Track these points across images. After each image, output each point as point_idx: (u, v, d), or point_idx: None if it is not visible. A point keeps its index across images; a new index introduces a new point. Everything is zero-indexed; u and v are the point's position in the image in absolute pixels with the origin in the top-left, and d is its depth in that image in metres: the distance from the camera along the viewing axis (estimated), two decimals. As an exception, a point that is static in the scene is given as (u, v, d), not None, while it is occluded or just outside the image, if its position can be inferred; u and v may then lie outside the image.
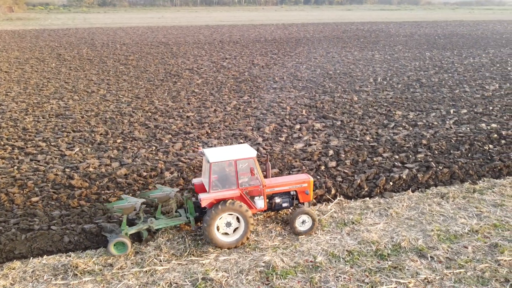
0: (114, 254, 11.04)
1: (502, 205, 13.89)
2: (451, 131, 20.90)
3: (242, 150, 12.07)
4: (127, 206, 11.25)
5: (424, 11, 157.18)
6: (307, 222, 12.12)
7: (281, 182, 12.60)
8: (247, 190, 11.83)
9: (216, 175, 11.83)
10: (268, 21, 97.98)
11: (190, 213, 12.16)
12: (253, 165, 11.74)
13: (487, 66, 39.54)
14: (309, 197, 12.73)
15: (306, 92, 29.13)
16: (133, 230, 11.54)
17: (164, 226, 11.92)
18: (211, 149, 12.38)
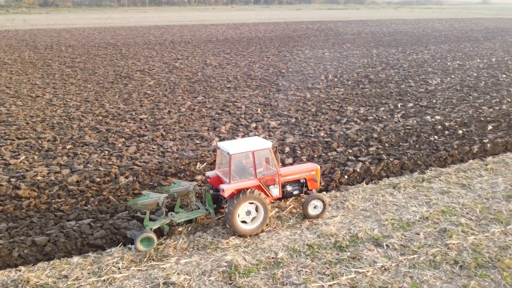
0: (142, 250, 11.14)
1: (449, 192, 14.72)
2: (399, 124, 21.87)
3: (257, 141, 12.67)
4: (150, 201, 11.43)
5: (369, 10, 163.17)
6: (319, 206, 12.82)
7: (292, 171, 13.22)
8: (264, 180, 12.28)
9: (234, 166, 12.06)
10: (219, 21, 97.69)
11: (209, 205, 12.53)
12: (269, 156, 12.44)
13: (429, 62, 41.73)
14: (317, 184, 13.48)
15: (260, 91, 29.35)
16: (156, 225, 11.63)
17: (186, 219, 12.17)
18: (226, 142, 12.86)
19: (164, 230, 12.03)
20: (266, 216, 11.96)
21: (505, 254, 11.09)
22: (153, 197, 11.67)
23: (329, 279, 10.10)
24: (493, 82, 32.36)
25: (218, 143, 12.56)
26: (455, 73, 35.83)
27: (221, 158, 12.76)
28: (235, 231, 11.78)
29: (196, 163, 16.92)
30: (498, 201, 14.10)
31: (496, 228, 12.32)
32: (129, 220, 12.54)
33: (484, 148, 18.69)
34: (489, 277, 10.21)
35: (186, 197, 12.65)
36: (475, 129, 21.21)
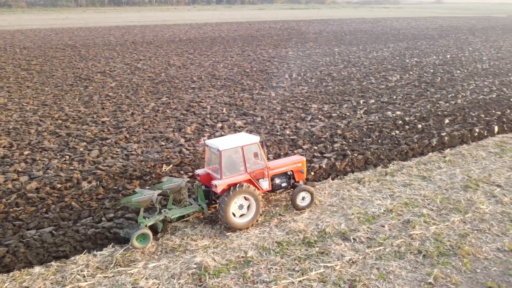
0: (138, 247, 11.16)
1: (411, 184, 15.23)
2: (362, 120, 22.40)
3: (245, 137, 12.98)
4: (144, 198, 11.42)
5: (330, 10, 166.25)
6: (307, 198, 13.22)
7: (280, 164, 13.48)
8: (254, 174, 12.52)
9: (224, 162, 12.17)
10: (182, 21, 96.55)
11: (201, 201, 12.67)
12: (257, 150, 12.72)
13: (388, 59, 43.01)
14: (303, 176, 13.81)
15: (225, 91, 29.25)
16: (151, 222, 11.68)
17: (180, 214, 12.26)
18: (214, 139, 13.06)
19: (158, 227, 12.07)
20: (258, 209, 12.26)
21: (465, 241, 11.59)
22: (146, 194, 11.63)
23: (299, 275, 10.20)
24: (448, 78, 33.76)
25: (207, 141, 12.75)
26: (413, 70, 37.12)
27: (210, 155, 12.93)
28: (229, 225, 11.97)
29: (162, 165, 16.64)
30: (457, 191, 14.72)
31: (456, 217, 12.85)
32: (93, 225, 12.15)
33: (442, 141, 19.45)
34: (450, 264, 10.64)
35: (178, 193, 12.69)
36: (433, 123, 22.05)
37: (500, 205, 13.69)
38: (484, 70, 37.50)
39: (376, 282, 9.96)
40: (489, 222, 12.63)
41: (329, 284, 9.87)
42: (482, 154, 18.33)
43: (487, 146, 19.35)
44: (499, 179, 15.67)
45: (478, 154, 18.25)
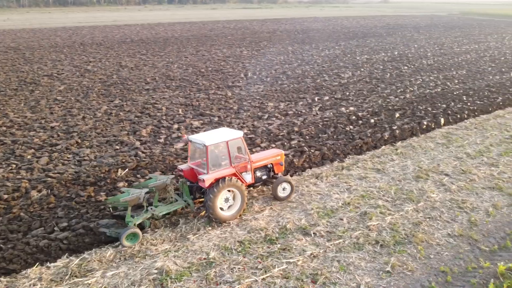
0: (128, 246, 11.22)
1: (366, 177, 15.72)
2: (317, 117, 22.84)
3: (228, 131, 13.23)
4: (132, 197, 11.45)
5: (282, 9, 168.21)
6: (287, 188, 13.70)
7: (261, 157, 13.87)
8: (239, 167, 12.83)
9: (210, 157, 12.29)
10: (133, 21, 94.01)
11: (187, 196, 12.90)
12: (241, 144, 12.99)
13: (340, 57, 44.15)
14: (282, 168, 14.33)
15: (180, 91, 28.81)
16: (140, 220, 11.73)
17: (167, 211, 12.36)
18: (198, 134, 13.20)
19: (145, 225, 12.13)
20: (243, 202, 12.61)
21: (418, 229, 12.12)
22: (134, 193, 11.64)
23: (262, 272, 10.23)
24: (397, 74, 35.17)
25: (190, 137, 12.88)
26: (364, 67, 38.34)
27: (194, 150, 13.10)
28: (217, 218, 12.24)
29: (117, 169, 16.11)
30: (409, 181, 15.36)
31: (409, 207, 13.41)
32: (45, 236, 11.54)
33: (393, 134, 20.23)
34: (406, 252, 11.08)
35: (164, 190, 12.75)
36: (385, 117, 22.88)
37: (449, 193, 14.43)
38: (429, 65, 39.41)
39: (337, 275, 10.18)
40: (439, 210, 13.28)
41: (292, 280, 9.97)
42: (431, 145, 19.25)
43: (435, 137, 20.35)
44: (447, 168, 16.52)
45: (427, 146, 19.15)
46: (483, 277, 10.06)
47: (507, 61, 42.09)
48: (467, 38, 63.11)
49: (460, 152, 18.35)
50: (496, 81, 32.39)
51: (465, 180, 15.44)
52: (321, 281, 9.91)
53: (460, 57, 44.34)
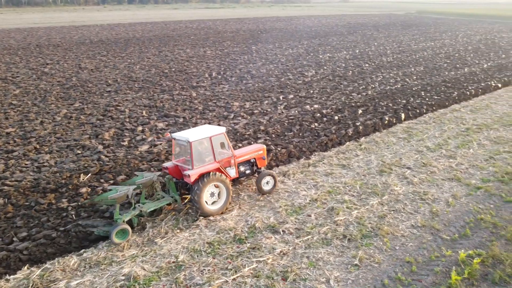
0: (118, 243, 11.27)
1: (332, 173, 15.97)
2: (283, 115, 23.00)
3: (211, 128, 13.54)
4: (120, 194, 11.43)
5: (245, 9, 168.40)
6: (270, 182, 14.07)
7: (244, 152, 14.21)
8: (222, 162, 13.11)
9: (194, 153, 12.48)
10: (92, 22, 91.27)
11: (174, 193, 13.00)
12: (223, 140, 13.25)
13: (303, 56, 44.69)
14: (264, 162, 14.70)
15: (144, 93, 28.23)
16: (128, 217, 11.75)
17: (154, 208, 12.42)
18: (181, 132, 13.29)
19: (133, 222, 12.13)
20: (228, 196, 12.91)
21: (383, 222, 12.43)
22: (121, 190, 11.64)
23: (232, 273, 10.17)
24: (358, 71, 36.00)
25: (173, 134, 13.04)
26: (327, 65, 38.99)
27: (178, 147, 13.26)
28: (204, 213, 12.55)
29: (79, 175, 15.57)
30: (373, 176, 15.74)
31: (374, 200, 13.74)
32: (3, 248, 10.98)
33: (357, 130, 20.68)
34: (373, 244, 11.33)
35: (150, 187, 12.84)
36: (348, 114, 23.36)
37: (411, 186, 14.90)
38: (389, 63, 40.60)
39: (307, 271, 10.27)
40: (403, 202, 13.68)
41: (263, 279, 9.97)
42: (393, 140, 19.83)
43: (396, 132, 20.97)
44: (409, 162, 17.06)
45: (389, 140, 19.70)
46: (445, 265, 10.45)
47: (461, 57, 44.02)
48: (424, 36, 65.51)
49: (421, 145, 18.99)
50: (452, 77, 33.79)
51: (426, 173, 16.00)
52: (291, 278, 9.97)
53: (418, 54, 45.95)
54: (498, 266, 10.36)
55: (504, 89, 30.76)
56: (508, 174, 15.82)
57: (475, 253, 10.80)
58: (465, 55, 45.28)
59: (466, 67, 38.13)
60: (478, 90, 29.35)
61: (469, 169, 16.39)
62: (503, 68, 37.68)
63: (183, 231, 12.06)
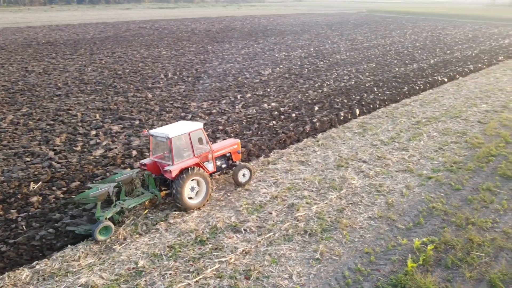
0: (101, 240, 11.34)
1: (291, 170, 16.15)
2: (241, 114, 22.99)
3: (188, 124, 13.65)
4: (101, 192, 11.57)
5: (199, 9, 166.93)
6: (247, 174, 14.59)
7: (221, 147, 14.57)
8: (201, 157, 13.41)
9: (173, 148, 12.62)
10: (38, 23, 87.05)
11: (153, 188, 13.16)
12: (201, 135, 13.47)
13: (259, 54, 44.92)
14: (240, 156, 15.20)
15: (96, 95, 27.27)
16: (110, 214, 11.77)
17: (135, 204, 12.51)
18: (158, 129, 13.35)
19: (114, 219, 12.10)
20: (208, 190, 13.23)
21: (342, 215, 12.72)
22: (102, 188, 11.82)
23: (195, 275, 10.03)
24: (314, 69, 36.65)
25: (151, 131, 13.15)
26: (283, 63, 39.40)
27: (156, 144, 13.38)
28: (185, 206, 12.74)
29: (29, 183, 14.79)
30: (331, 171, 16.08)
31: (333, 195, 14.03)
32: None
33: (314, 127, 21.04)
34: (333, 238, 11.57)
35: (130, 184, 12.95)
36: (305, 111, 23.72)
37: (368, 179, 15.36)
38: (343, 60, 41.65)
39: (269, 268, 10.32)
40: (360, 195, 14.07)
41: (226, 279, 9.91)
42: (349, 135, 20.34)
43: (352, 127, 21.53)
44: (364, 156, 17.57)
45: (345, 136, 20.20)
46: (402, 254, 10.84)
47: (409, 54, 45.91)
48: (374, 34, 67.76)
49: (375, 139, 19.62)
50: (402, 73, 35.17)
51: (381, 165, 16.54)
52: (255, 276, 9.98)
53: (369, 52, 47.45)
54: (450, 251, 10.89)
55: (449, 83, 32.41)
56: (456, 163, 16.68)
57: (429, 240, 11.29)
58: (413, 52, 47.28)
59: (414, 63, 39.82)
60: (426, 84, 30.74)
61: (420, 160, 17.12)
62: (448, 64, 39.71)
63: (143, 236, 11.75)
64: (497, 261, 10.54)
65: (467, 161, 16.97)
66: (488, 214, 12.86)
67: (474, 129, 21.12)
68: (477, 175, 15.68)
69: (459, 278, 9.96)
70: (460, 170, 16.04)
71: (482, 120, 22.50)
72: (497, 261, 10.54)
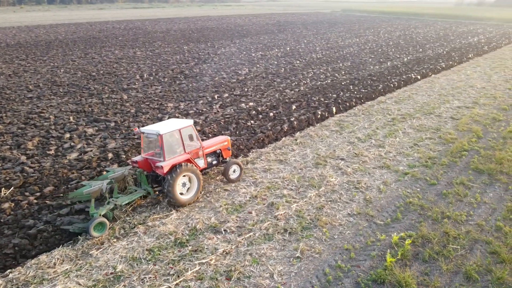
0: (96, 236, 11.45)
1: (270, 169, 16.16)
2: (218, 114, 22.87)
3: (178, 121, 13.93)
4: (95, 189, 11.88)
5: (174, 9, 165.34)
6: (237, 170, 14.90)
7: (211, 144, 14.79)
8: (192, 153, 13.59)
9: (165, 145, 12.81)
10: (7, 24, 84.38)
11: (146, 185, 13.29)
12: (192, 132, 13.67)
13: (236, 54, 44.82)
14: (229, 153, 15.46)
15: (70, 97, 26.60)
16: (104, 211, 11.90)
17: (129, 201, 12.65)
18: (149, 126, 13.56)
19: (108, 216, 12.18)
20: (199, 185, 13.43)
21: (322, 213, 12.81)
22: (95, 185, 12.08)
23: (175, 278, 9.90)
24: (290, 68, 36.82)
25: (142, 128, 13.36)
26: (260, 63, 39.43)
27: (147, 141, 13.62)
28: (177, 202, 12.90)
29: (0, 189, 14.28)
30: (310, 169, 16.17)
31: (312, 193, 14.10)
32: None
33: (292, 125, 21.12)
34: (313, 236, 11.62)
35: (122, 181, 13.21)
36: (283, 110, 23.79)
37: (346, 176, 15.52)
38: (319, 59, 42.01)
39: (250, 268, 10.28)
40: (339, 192, 14.20)
41: (206, 280, 9.82)
42: (326, 133, 20.52)
43: (329, 125, 21.73)
44: (342, 153, 17.75)
45: (323, 134, 20.36)
46: (380, 249, 10.99)
47: (383, 52, 46.72)
48: (349, 33, 68.65)
49: (352, 137, 19.85)
50: (376, 71, 35.75)
51: (358, 163, 16.74)
52: (236, 277, 9.92)
53: (345, 50, 48.04)
54: (427, 245, 11.11)
55: (422, 80, 33.14)
56: (430, 159, 17.05)
57: (406, 235, 11.49)
58: (387, 50, 48.13)
59: (388, 61, 40.54)
60: (400, 82, 31.33)
61: (396, 157, 17.42)
62: (421, 61, 40.60)
63: (121, 240, 11.52)
64: (472, 253, 10.82)
65: (441, 156, 17.37)
66: (463, 207, 13.19)
67: (447, 125, 21.65)
68: (451, 169, 16.07)
69: (436, 271, 10.18)
70: (435, 165, 16.40)
71: (455, 116, 23.10)
72: (472, 253, 10.82)
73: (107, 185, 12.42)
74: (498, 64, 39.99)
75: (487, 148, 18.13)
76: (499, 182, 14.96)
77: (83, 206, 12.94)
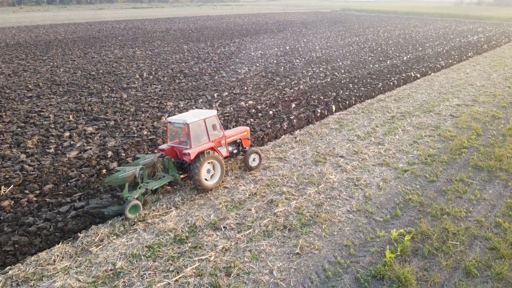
0: (131, 217, 12.18)
1: (269, 166, 16.16)
2: (218, 113, 22.86)
3: (202, 111, 14.58)
4: (128, 174, 12.57)
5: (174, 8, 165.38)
6: (256, 159, 15.64)
7: (232, 134, 15.58)
8: (216, 142, 14.39)
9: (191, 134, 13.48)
10: (7, 24, 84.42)
11: (173, 171, 13.90)
12: (215, 122, 14.37)
13: (236, 53, 44.82)
14: (249, 142, 16.34)
15: (69, 97, 26.61)
16: (137, 194, 12.63)
17: (158, 185, 13.41)
18: (175, 116, 14.22)
19: (140, 200, 12.79)
20: (222, 172, 14.15)
21: (321, 210, 12.81)
22: (129, 171, 12.68)
23: (174, 274, 9.91)
24: (290, 67, 36.83)
25: (168, 118, 14.05)
26: (259, 62, 39.43)
27: (174, 130, 14.33)
28: (202, 187, 13.59)
29: (0, 187, 14.29)
30: (309, 166, 16.18)
31: (311, 190, 14.11)
32: None
33: (291, 123, 21.13)
34: (312, 232, 11.63)
35: (152, 168, 13.81)
36: (282, 108, 23.80)
37: (345, 173, 15.52)
38: (318, 58, 42.00)
39: (250, 264, 10.29)
40: (338, 189, 14.20)
41: (206, 277, 9.83)
42: (326, 131, 20.52)
43: (328, 123, 21.74)
44: (341, 151, 17.76)
45: (322, 132, 20.37)
46: (380, 245, 11.00)
47: (383, 51, 46.72)
48: (349, 32, 68.65)
49: (352, 135, 19.85)
50: (376, 69, 35.75)
51: (357, 160, 16.75)
52: (235, 273, 9.93)
53: (344, 49, 48.04)
54: (426, 241, 11.12)
55: (422, 79, 33.15)
56: (430, 156, 17.06)
57: (406, 231, 11.50)
58: (387, 49, 48.14)
59: (388, 60, 40.54)
60: (400, 80, 31.33)
61: (396, 154, 17.43)
62: (421, 60, 40.60)
63: (120, 237, 11.53)
64: (472, 249, 10.83)
65: (440, 153, 17.38)
66: (462, 204, 13.20)
67: (447, 122, 21.65)
68: (450, 167, 16.08)
69: (436, 266, 10.18)
70: (434, 163, 16.41)
71: (454, 114, 23.10)
72: (472, 249, 10.83)
73: (140, 170, 13.00)
74: (498, 63, 40.00)
75: (487, 146, 18.14)
76: (498, 179, 14.97)
77: (83, 204, 12.96)
